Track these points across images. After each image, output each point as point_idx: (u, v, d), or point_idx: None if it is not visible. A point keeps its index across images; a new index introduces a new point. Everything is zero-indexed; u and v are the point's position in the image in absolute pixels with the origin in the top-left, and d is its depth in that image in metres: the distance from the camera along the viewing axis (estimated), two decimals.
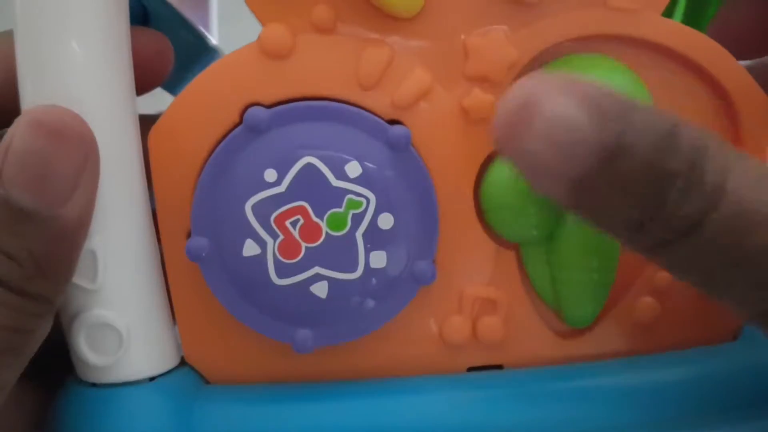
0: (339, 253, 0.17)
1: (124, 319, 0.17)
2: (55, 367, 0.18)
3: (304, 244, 0.16)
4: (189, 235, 0.17)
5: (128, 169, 0.17)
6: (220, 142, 0.17)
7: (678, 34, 0.18)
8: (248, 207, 0.16)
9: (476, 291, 0.18)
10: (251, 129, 0.16)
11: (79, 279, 0.16)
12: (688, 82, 0.18)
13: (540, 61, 0.18)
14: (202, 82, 0.17)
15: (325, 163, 0.16)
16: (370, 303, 0.17)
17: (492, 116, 0.17)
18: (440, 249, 0.18)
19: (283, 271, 0.17)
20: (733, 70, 0.18)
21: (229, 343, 0.18)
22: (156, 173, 0.17)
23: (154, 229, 0.17)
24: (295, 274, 0.17)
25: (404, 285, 0.17)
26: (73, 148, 0.15)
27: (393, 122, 0.17)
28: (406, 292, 0.17)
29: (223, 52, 0.25)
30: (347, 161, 0.16)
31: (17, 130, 0.15)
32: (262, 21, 0.17)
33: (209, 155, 0.17)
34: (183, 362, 0.18)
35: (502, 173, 0.18)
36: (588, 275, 0.19)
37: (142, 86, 0.18)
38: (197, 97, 0.17)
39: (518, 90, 0.13)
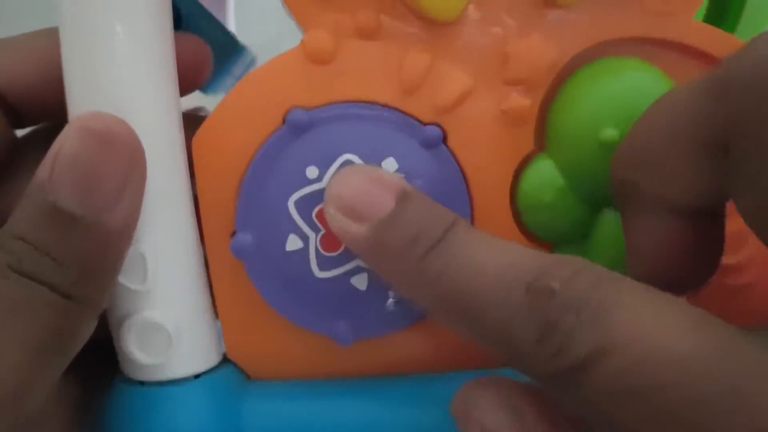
0: None
1: (173, 318, 0.17)
2: (94, 363, 0.18)
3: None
4: (232, 235, 0.18)
5: (174, 173, 0.17)
6: (263, 145, 0.18)
7: (711, 37, 0.18)
8: (291, 203, 0.17)
9: None
10: (293, 128, 0.17)
11: (129, 281, 0.17)
12: None
13: (576, 62, 0.18)
14: (246, 86, 0.18)
15: (364, 160, 0.17)
16: None
17: (530, 118, 0.18)
18: None
19: (324, 264, 0.17)
20: None
21: (270, 340, 0.19)
22: (200, 176, 0.18)
23: (197, 231, 0.18)
24: (336, 267, 0.17)
25: None
26: (120, 155, 0.15)
27: (433, 125, 0.18)
28: None
29: (252, 50, 0.25)
30: (384, 157, 0.17)
31: (66, 137, 0.15)
32: (303, 24, 0.18)
33: (253, 157, 0.18)
34: (225, 359, 0.19)
35: (539, 174, 0.18)
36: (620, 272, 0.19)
37: (182, 90, 0.19)
38: (241, 101, 0.18)
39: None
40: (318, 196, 0.17)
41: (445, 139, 0.18)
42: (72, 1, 0.16)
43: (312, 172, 0.17)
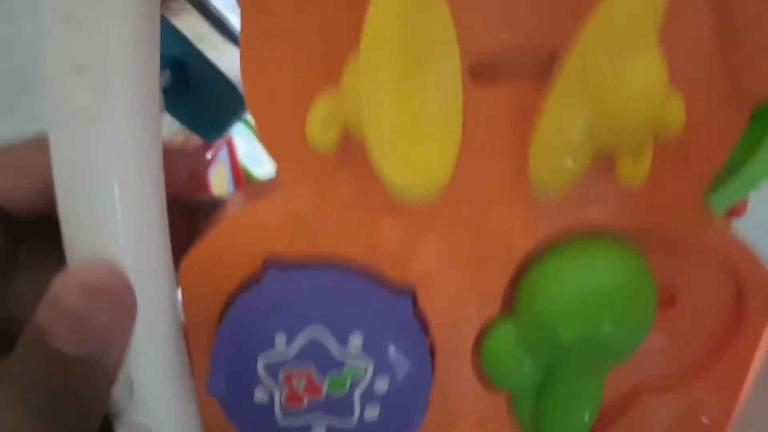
0: (337, 406, 0.18)
1: (156, 422, 0.19)
2: None
3: (306, 398, 0.18)
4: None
5: (160, 304, 0.18)
6: (242, 282, 0.18)
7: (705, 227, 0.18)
8: (260, 364, 0.18)
9: (465, 430, 0.20)
10: (267, 294, 0.18)
11: (119, 395, 0.19)
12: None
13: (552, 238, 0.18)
14: (229, 226, 0.18)
15: (331, 333, 0.18)
16: None
17: (498, 291, 0.19)
18: (434, 394, 0.19)
19: (287, 414, 0.19)
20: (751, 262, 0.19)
21: None
22: (186, 297, 0.19)
23: (183, 350, 0.19)
24: (298, 418, 0.19)
25: (395, 428, 0.19)
26: (114, 304, 0.17)
27: (404, 286, 0.18)
28: None
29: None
30: (351, 332, 0.18)
31: (64, 288, 0.16)
32: (283, 175, 0.18)
33: (232, 293, 0.19)
34: None
35: (500, 338, 0.19)
36: (573, 419, 0.20)
37: (175, 207, 0.19)
38: (225, 240, 0.18)
39: None
40: (285, 362, 0.18)
41: (414, 301, 0.18)
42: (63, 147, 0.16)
43: (281, 339, 0.18)
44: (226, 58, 0.25)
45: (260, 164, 0.39)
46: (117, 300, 0.17)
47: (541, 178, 0.17)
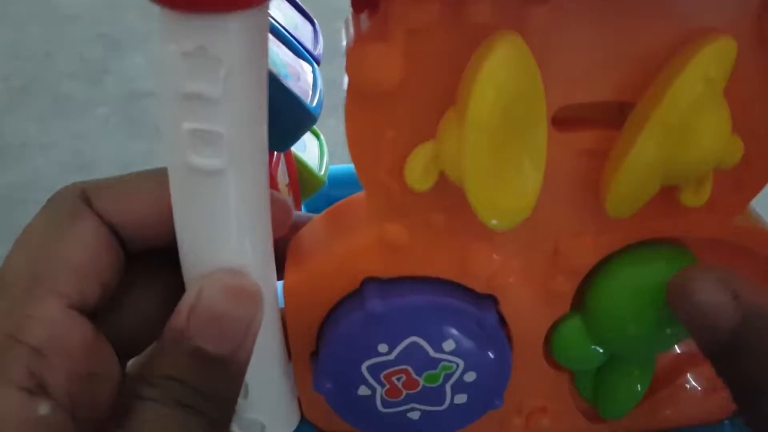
0: (431, 395, 0.21)
1: (266, 417, 0.22)
2: None
3: (405, 391, 0.21)
4: (312, 355, 0.22)
5: (269, 311, 0.21)
6: (342, 299, 0.21)
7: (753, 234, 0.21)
8: (364, 367, 0.21)
9: (533, 402, 0.23)
10: (369, 315, 0.20)
11: None
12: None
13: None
14: (329, 258, 0.21)
15: (427, 341, 0.21)
16: (451, 420, 0.22)
17: (570, 294, 0.21)
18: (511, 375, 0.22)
19: (387, 404, 0.22)
20: None
21: None
22: (290, 311, 0.21)
23: (286, 354, 0.22)
24: (396, 407, 0.22)
25: (478, 409, 0.22)
26: (250, 305, 0.19)
27: (486, 295, 0.21)
28: (479, 413, 0.23)
29: (315, 116, 0.26)
30: (444, 339, 0.21)
31: (209, 292, 0.18)
32: (380, 213, 0.20)
33: (332, 307, 0.21)
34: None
35: (569, 333, 0.22)
36: (629, 390, 0.23)
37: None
38: (326, 265, 0.21)
39: None
40: (387, 364, 0.21)
41: (497, 305, 0.21)
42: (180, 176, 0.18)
43: (383, 347, 0.21)
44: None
45: (303, 149, 0.40)
46: (252, 301, 0.19)
47: (618, 206, 0.19)
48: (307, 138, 0.42)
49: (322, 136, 0.44)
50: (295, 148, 0.38)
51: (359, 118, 0.18)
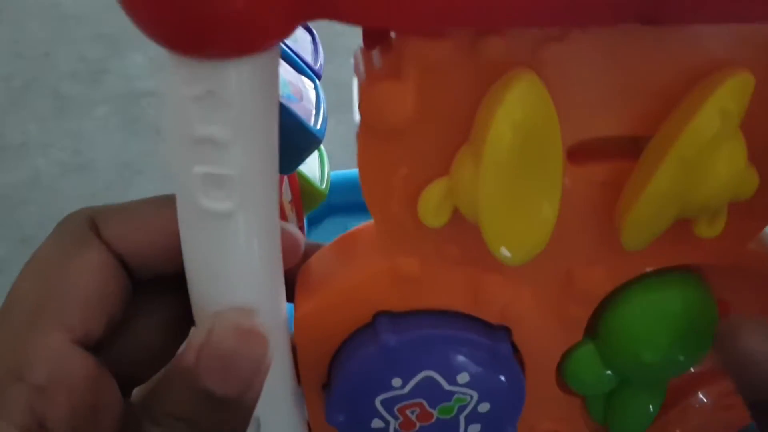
0: (445, 427, 0.21)
1: None
2: None
3: (419, 424, 0.21)
4: (323, 386, 0.22)
5: (280, 348, 0.20)
6: (353, 333, 0.21)
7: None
8: (377, 401, 0.21)
9: (545, 426, 0.23)
10: (383, 349, 0.20)
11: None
12: None
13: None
14: (342, 288, 0.20)
15: (441, 374, 0.20)
16: None
17: (582, 322, 0.21)
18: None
19: None
20: None
21: None
22: (300, 345, 0.21)
23: (297, 386, 0.22)
24: None
25: None
26: (258, 347, 0.18)
27: (499, 326, 0.21)
28: None
29: (320, 138, 0.26)
30: (458, 372, 0.20)
31: (219, 331, 0.18)
32: (393, 247, 0.20)
33: (343, 340, 0.21)
34: None
35: (582, 359, 0.22)
36: (640, 412, 0.23)
37: None
38: (338, 297, 0.20)
39: None
40: (400, 398, 0.21)
41: (510, 335, 0.21)
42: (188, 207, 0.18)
43: (396, 381, 0.20)
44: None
45: (305, 163, 0.40)
46: (263, 343, 0.18)
47: (633, 239, 0.19)
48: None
49: (322, 146, 0.43)
50: None
51: (371, 154, 0.18)
